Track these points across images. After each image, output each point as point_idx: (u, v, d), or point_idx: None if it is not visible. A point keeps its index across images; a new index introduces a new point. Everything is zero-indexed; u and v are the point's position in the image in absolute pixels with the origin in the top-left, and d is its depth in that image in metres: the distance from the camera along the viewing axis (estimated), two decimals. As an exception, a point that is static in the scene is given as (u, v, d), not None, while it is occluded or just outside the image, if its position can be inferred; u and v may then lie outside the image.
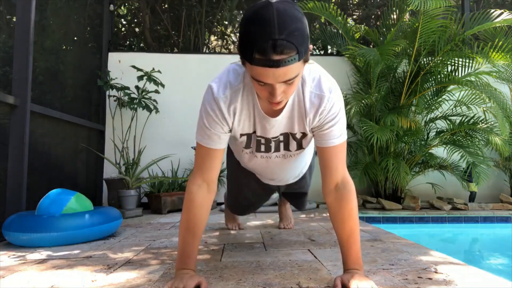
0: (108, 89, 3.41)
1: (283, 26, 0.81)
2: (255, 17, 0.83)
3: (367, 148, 3.51)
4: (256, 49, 0.82)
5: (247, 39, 0.84)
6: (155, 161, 3.27)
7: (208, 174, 1.14)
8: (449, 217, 3.14)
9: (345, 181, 1.13)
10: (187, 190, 1.14)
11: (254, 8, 0.85)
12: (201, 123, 1.12)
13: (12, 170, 2.08)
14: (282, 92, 0.91)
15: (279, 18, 0.81)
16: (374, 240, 1.81)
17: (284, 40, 0.81)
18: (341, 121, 1.10)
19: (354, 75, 3.84)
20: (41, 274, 1.28)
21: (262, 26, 0.81)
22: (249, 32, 0.84)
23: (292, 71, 0.86)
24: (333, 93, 1.08)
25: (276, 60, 0.82)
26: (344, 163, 1.15)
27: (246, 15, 0.86)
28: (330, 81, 1.11)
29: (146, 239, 1.92)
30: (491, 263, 2.25)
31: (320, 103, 1.06)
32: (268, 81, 0.87)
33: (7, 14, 2.49)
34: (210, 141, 1.11)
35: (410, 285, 1.08)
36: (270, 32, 0.80)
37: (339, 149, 1.11)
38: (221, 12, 4.95)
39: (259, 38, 0.81)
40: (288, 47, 0.81)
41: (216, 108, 1.08)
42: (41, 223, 1.75)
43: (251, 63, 0.85)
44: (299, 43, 0.83)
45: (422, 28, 3.17)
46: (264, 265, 1.34)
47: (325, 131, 1.09)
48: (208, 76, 3.91)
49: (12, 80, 2.13)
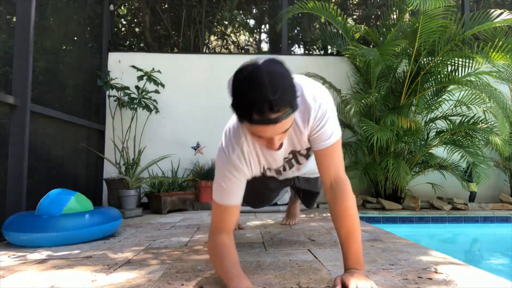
0: (108, 89, 3.41)
1: (276, 87, 0.88)
2: (249, 81, 0.89)
3: (367, 148, 3.51)
4: (255, 111, 0.88)
5: (245, 102, 0.90)
6: (155, 161, 3.27)
7: (228, 227, 1.18)
8: (449, 217, 3.14)
9: (338, 180, 1.15)
10: (211, 245, 1.17)
11: (246, 72, 0.91)
12: (221, 185, 1.16)
13: (12, 170, 2.08)
14: (279, 139, 1.00)
15: (271, 80, 0.88)
16: (374, 240, 1.81)
17: (279, 100, 0.88)
18: (330, 122, 1.13)
19: (354, 75, 3.84)
20: (41, 274, 1.28)
21: (257, 89, 0.88)
22: (246, 96, 0.90)
23: (288, 123, 0.95)
24: (316, 99, 1.12)
25: (274, 118, 0.90)
26: (338, 163, 1.16)
27: (238, 79, 0.92)
28: (312, 87, 1.14)
29: (146, 239, 1.92)
30: (491, 263, 2.25)
31: (309, 116, 1.11)
32: (267, 136, 0.96)
33: (7, 14, 2.49)
34: (229, 197, 1.16)
35: (410, 285, 1.08)
36: (265, 94, 0.87)
37: (330, 150, 1.14)
38: (221, 12, 4.95)
39: (256, 101, 0.88)
40: (283, 105, 0.89)
41: (233, 168, 1.15)
42: (41, 223, 1.75)
43: (251, 123, 0.92)
44: (292, 98, 0.92)
45: (422, 28, 3.17)
46: (264, 265, 1.34)
47: (315, 135, 1.14)
48: (208, 76, 3.95)
49: (12, 80, 2.13)
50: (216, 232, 1.18)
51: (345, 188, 1.14)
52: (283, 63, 0.95)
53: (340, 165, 1.16)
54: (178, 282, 1.15)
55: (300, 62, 3.92)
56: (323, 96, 1.14)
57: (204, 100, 3.79)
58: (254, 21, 5.59)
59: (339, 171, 1.15)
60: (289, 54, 4.11)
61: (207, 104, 3.79)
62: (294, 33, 5.16)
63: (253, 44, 5.71)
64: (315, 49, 4.90)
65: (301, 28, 5.15)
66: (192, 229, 2.23)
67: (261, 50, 5.47)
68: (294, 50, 5.07)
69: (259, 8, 5.46)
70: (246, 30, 5.68)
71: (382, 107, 3.51)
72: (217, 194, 1.18)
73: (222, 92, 3.83)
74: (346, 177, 1.16)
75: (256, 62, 0.92)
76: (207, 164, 3.65)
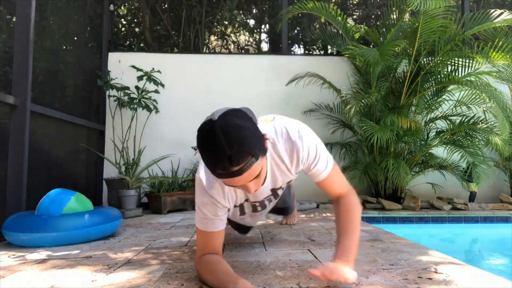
0: (108, 89, 3.41)
1: (232, 142, 0.89)
2: (207, 140, 0.92)
3: (367, 148, 3.51)
4: (218, 168, 0.92)
5: (208, 163, 0.94)
6: (155, 161, 3.27)
7: (215, 250, 1.19)
8: (449, 217, 3.14)
9: (345, 194, 1.24)
10: (199, 264, 1.17)
11: (204, 131, 0.94)
12: (201, 215, 1.17)
13: (12, 170, 2.08)
14: (254, 184, 1.01)
15: (226, 135, 0.90)
16: (374, 240, 1.81)
17: (236, 153, 0.90)
18: (322, 156, 1.19)
19: (354, 75, 3.84)
20: (41, 274, 1.28)
21: (215, 146, 0.90)
22: (206, 157, 0.93)
23: (255, 171, 0.96)
24: (303, 137, 1.15)
25: (237, 170, 0.92)
26: (340, 182, 1.24)
27: (199, 137, 0.95)
28: (295, 126, 1.18)
29: (146, 239, 1.92)
30: (491, 263, 2.25)
31: (297, 154, 1.15)
32: (236, 185, 0.98)
33: (7, 14, 2.49)
34: (213, 226, 1.17)
35: (410, 285, 1.08)
36: (222, 152, 0.89)
37: (330, 177, 1.22)
38: (221, 12, 4.95)
39: (215, 159, 0.91)
40: (242, 157, 0.91)
41: (213, 200, 1.15)
42: (41, 223, 1.75)
43: (219, 177, 0.96)
44: (251, 147, 0.92)
45: (422, 28, 3.17)
46: (264, 265, 1.34)
47: (312, 170, 1.20)
48: (208, 76, 3.95)
49: (12, 80, 2.13)
50: (203, 255, 1.18)
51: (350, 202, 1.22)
52: (241, 111, 0.97)
53: (343, 182, 1.24)
54: (178, 282, 1.15)
55: (300, 62, 3.92)
56: (307, 133, 1.18)
57: (204, 100, 3.79)
58: (254, 21, 5.59)
59: (343, 187, 1.24)
60: (289, 54, 4.11)
61: (207, 104, 3.79)
62: (294, 33, 5.16)
63: (253, 44, 5.71)
64: (315, 49, 4.90)
65: (301, 28, 5.15)
66: (192, 229, 2.23)
67: (261, 50, 5.47)
68: (294, 50, 5.07)
69: (259, 8, 5.46)
70: (246, 30, 5.68)
71: (382, 107, 3.51)
72: (200, 223, 1.18)
73: (222, 92, 3.83)
74: (351, 188, 1.24)
75: (211, 119, 0.93)
76: (207, 164, 3.65)
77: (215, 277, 1.07)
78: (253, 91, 3.84)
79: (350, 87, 3.82)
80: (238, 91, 3.81)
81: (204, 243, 1.19)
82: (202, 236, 1.18)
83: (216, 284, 1.06)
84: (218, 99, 3.81)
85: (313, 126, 4.40)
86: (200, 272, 1.15)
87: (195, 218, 1.19)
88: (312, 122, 3.81)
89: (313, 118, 3.83)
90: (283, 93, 3.85)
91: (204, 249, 1.18)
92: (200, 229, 1.18)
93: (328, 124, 3.83)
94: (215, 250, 1.18)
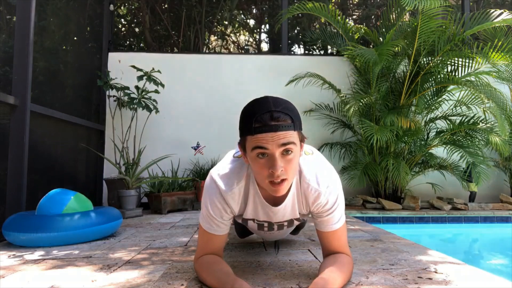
0: (108, 89, 3.41)
1: (278, 104, 0.97)
2: (253, 102, 1.00)
3: (367, 148, 3.51)
4: (255, 120, 0.94)
5: (248, 115, 0.97)
6: (155, 161, 3.27)
7: (216, 251, 1.18)
8: (449, 217, 3.14)
9: (339, 253, 1.15)
10: (198, 263, 1.16)
11: (253, 100, 1.01)
12: (208, 214, 1.14)
13: (12, 170, 2.08)
14: (282, 168, 0.96)
15: (274, 101, 0.98)
16: (374, 240, 1.81)
17: (280, 112, 0.95)
18: (339, 209, 1.13)
19: (354, 75, 3.84)
20: (41, 274, 1.28)
21: (260, 104, 0.97)
22: (249, 110, 0.98)
23: (289, 136, 0.95)
24: (330, 187, 1.11)
25: (273, 124, 0.93)
26: (342, 243, 1.16)
27: (246, 105, 1.01)
28: (328, 174, 1.13)
29: (146, 239, 1.92)
30: (491, 263, 2.25)
31: (317, 197, 1.11)
32: (267, 146, 0.95)
33: (7, 14, 2.49)
34: (218, 229, 1.15)
35: (410, 285, 1.08)
36: (267, 107, 0.95)
37: (339, 233, 1.15)
38: (221, 12, 4.95)
39: (257, 111, 0.95)
40: (283, 116, 0.95)
41: (224, 204, 1.12)
42: (41, 223, 1.75)
43: (252, 134, 0.95)
44: (294, 115, 0.97)
45: (421, 28, 3.17)
46: (264, 265, 1.34)
47: (324, 218, 1.14)
48: (208, 76, 3.95)
49: (12, 80, 2.13)
50: (202, 255, 1.17)
51: (348, 257, 1.14)
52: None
53: (345, 245, 1.17)
54: (178, 282, 1.15)
55: (300, 62, 3.93)
56: (335, 182, 1.14)
57: (204, 100, 3.79)
58: (254, 21, 5.59)
59: (343, 248, 1.16)
60: (289, 54, 4.11)
61: (207, 104, 3.79)
62: (294, 33, 5.16)
63: (253, 44, 5.71)
64: (315, 49, 4.90)
65: (301, 28, 5.15)
66: (192, 229, 2.23)
67: (261, 50, 5.47)
68: (294, 50, 5.07)
69: (259, 8, 5.46)
70: (246, 30, 5.68)
71: (382, 107, 3.51)
72: (204, 222, 1.15)
73: (222, 92, 3.83)
74: (350, 254, 1.17)
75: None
76: (207, 164, 3.65)
77: (213, 277, 1.07)
78: (253, 91, 3.84)
79: (350, 87, 3.82)
80: (238, 91, 3.81)
81: (205, 243, 1.18)
82: (204, 236, 1.17)
83: (214, 284, 1.06)
84: (218, 99, 3.81)
85: (313, 126, 4.38)
86: (198, 271, 1.15)
87: (200, 215, 1.17)
88: (312, 122, 3.81)
89: (313, 118, 3.83)
90: (283, 93, 3.85)
91: (204, 249, 1.18)
92: (203, 228, 1.17)
93: (328, 124, 3.83)
94: (216, 252, 1.18)
